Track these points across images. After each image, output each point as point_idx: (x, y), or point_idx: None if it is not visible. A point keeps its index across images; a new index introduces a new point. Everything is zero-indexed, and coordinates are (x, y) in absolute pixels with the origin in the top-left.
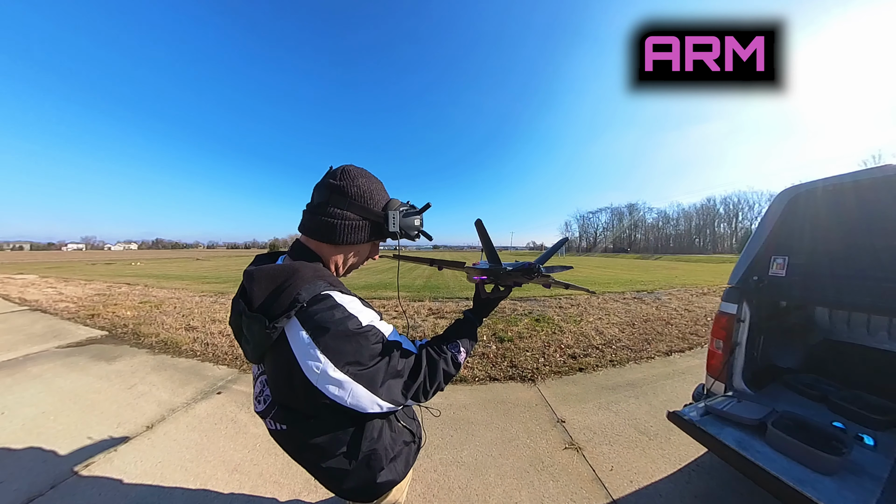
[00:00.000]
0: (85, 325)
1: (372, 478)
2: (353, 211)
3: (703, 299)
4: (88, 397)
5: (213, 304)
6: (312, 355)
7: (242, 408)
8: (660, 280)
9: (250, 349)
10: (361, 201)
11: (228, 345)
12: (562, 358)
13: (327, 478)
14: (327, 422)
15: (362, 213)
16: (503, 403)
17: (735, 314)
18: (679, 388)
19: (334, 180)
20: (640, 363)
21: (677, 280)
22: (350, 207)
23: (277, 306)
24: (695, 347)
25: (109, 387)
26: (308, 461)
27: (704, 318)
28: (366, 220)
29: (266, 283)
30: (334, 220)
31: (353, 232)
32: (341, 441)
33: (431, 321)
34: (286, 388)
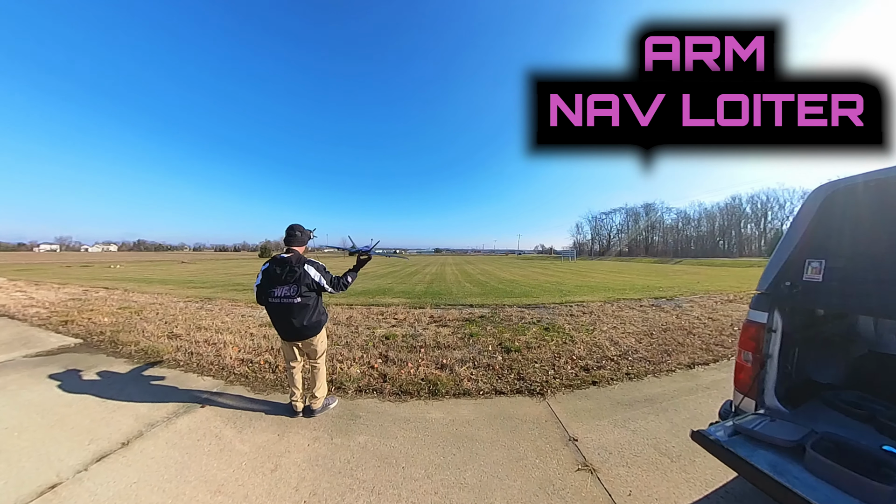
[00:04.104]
0: (57, 333)
1: (322, 319)
2: (303, 233)
3: (729, 307)
4: (58, 411)
5: (199, 310)
6: (314, 272)
7: (228, 422)
8: (680, 286)
9: (288, 278)
10: (303, 231)
11: (214, 354)
12: (573, 370)
13: (313, 324)
14: (313, 295)
15: (305, 235)
16: (510, 419)
17: (765, 323)
18: (703, 404)
19: (295, 228)
20: (660, 376)
21: (699, 286)
22: (302, 233)
23: (300, 262)
24: (720, 360)
25: (82, 399)
26: (306, 316)
27: (730, 327)
28: (304, 236)
29: (294, 258)
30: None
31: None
32: (316, 303)
33: (433, 329)
34: (305, 284)
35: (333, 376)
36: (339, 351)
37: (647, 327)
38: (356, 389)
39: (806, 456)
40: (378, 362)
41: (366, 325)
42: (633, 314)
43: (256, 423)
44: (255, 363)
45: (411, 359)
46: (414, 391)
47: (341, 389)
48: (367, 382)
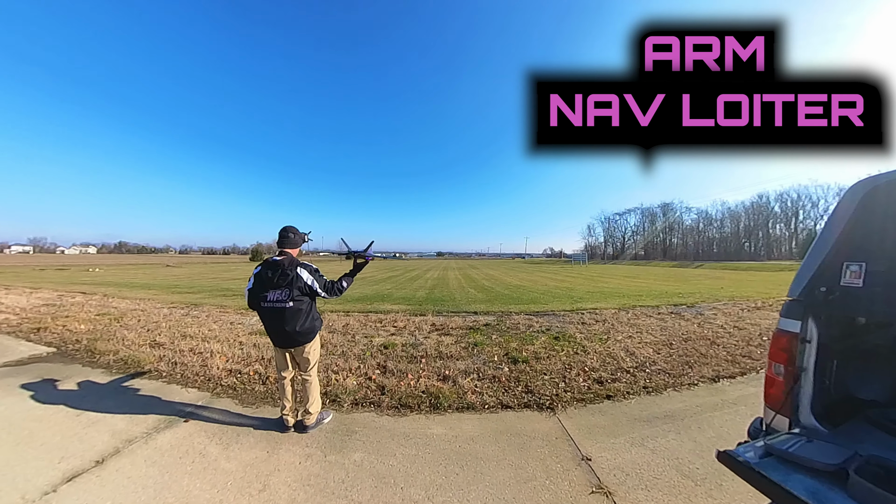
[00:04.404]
0: (28, 341)
1: (316, 325)
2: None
3: (757, 314)
4: (26, 426)
5: (185, 317)
6: (307, 275)
7: (213, 438)
8: (702, 291)
9: (280, 281)
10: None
11: (200, 364)
12: (586, 383)
13: (306, 330)
14: (306, 299)
15: (298, 237)
16: (517, 436)
17: (798, 333)
18: (730, 421)
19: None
20: (681, 390)
21: (723, 291)
22: (295, 235)
23: (293, 265)
24: (748, 373)
25: (54, 413)
26: (299, 322)
27: (759, 336)
28: (298, 238)
29: (287, 260)
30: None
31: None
32: (309, 308)
33: (435, 338)
34: (297, 288)
35: (328, 388)
36: (334, 361)
37: (666, 337)
38: (352, 402)
39: (850, 482)
40: (376, 373)
41: (363, 334)
42: (651, 322)
43: (244, 438)
44: (244, 374)
45: (411, 370)
46: (414, 405)
47: (336, 402)
48: (363, 395)
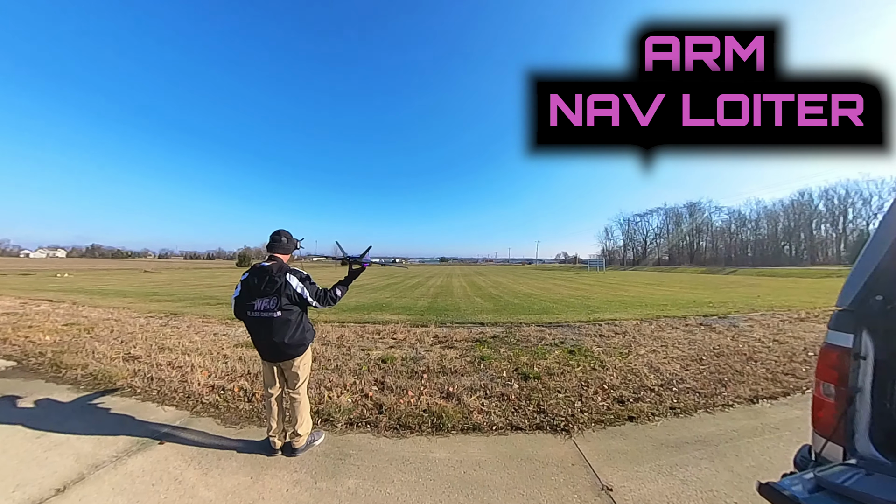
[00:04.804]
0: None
1: (307, 337)
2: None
3: (800, 327)
4: None
5: (163, 327)
6: (296, 282)
7: (191, 462)
8: (735, 301)
9: (268, 289)
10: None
11: (179, 379)
12: (605, 402)
13: (295, 342)
14: (296, 308)
15: (291, 242)
16: (529, 461)
17: (850, 348)
18: (772, 449)
19: (281, 233)
20: (714, 412)
21: (760, 301)
22: (288, 240)
23: (282, 271)
24: (792, 393)
25: (10, 435)
26: (288, 333)
27: (803, 352)
28: (290, 243)
29: (276, 266)
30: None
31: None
32: (300, 318)
33: (437, 351)
34: (286, 296)
35: (320, 406)
36: (327, 376)
37: (696, 351)
38: (347, 422)
39: None
40: (373, 390)
41: (360, 346)
42: (677, 335)
43: (226, 462)
44: (228, 390)
45: (412, 386)
46: (415, 425)
47: (329, 422)
48: (359, 414)
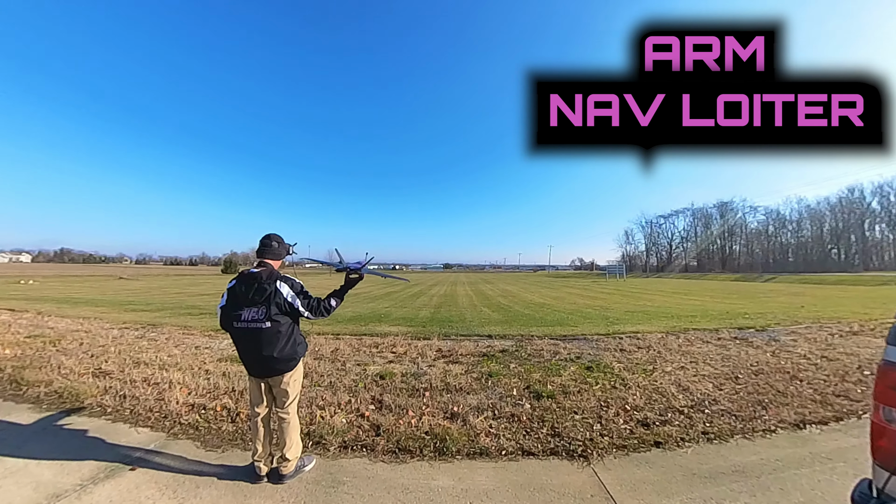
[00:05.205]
0: None
1: (299, 351)
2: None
3: (853, 341)
4: None
5: (139, 339)
6: (287, 290)
7: (166, 490)
8: (775, 311)
9: (256, 297)
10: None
11: (155, 397)
12: (627, 425)
13: (285, 356)
14: (286, 319)
15: (282, 247)
16: (542, 491)
17: None
18: (825, 482)
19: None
20: (753, 438)
21: (804, 311)
22: (280, 245)
23: (272, 278)
24: (846, 417)
25: None
26: (277, 346)
27: (858, 370)
28: (282, 248)
29: (266, 272)
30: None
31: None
32: (291, 330)
33: (441, 367)
34: (276, 305)
35: (311, 427)
36: (320, 394)
37: (730, 368)
38: (340, 445)
39: None
40: (370, 409)
41: (355, 361)
42: (709, 350)
43: (205, 490)
44: (210, 409)
45: (413, 405)
46: (415, 449)
47: (321, 445)
48: (354, 436)
